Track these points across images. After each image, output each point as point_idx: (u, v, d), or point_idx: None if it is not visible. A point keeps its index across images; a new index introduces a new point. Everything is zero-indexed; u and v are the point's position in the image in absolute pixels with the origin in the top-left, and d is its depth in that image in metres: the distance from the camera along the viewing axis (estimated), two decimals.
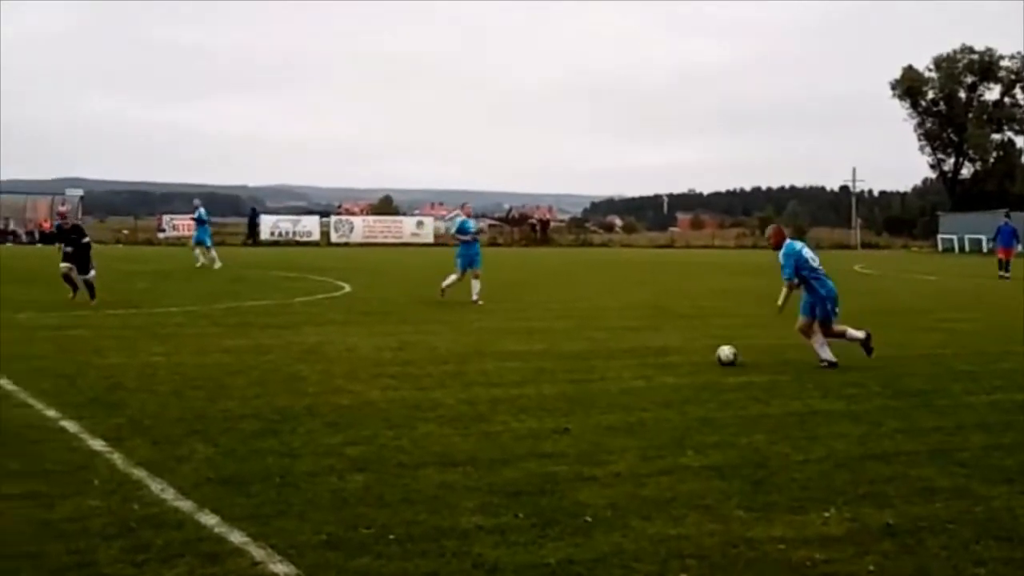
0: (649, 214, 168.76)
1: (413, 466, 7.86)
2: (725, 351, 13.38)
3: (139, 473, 7.46)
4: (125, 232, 71.39)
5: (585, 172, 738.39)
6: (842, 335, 13.61)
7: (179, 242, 62.23)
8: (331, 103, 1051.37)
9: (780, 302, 13.74)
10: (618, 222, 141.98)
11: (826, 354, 13.31)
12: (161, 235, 67.09)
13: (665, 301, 24.51)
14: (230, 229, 76.24)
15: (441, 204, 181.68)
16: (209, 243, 35.95)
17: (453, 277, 22.64)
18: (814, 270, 13.48)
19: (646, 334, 17.04)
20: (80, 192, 72.47)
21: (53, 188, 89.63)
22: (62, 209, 32.00)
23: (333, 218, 76.59)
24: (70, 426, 9.03)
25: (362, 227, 73.07)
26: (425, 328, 17.58)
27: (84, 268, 20.80)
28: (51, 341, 14.74)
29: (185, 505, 6.68)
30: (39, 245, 56.09)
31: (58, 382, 11.20)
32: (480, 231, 24.24)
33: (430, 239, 73.21)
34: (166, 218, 72.35)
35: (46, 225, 61.08)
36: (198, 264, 35.14)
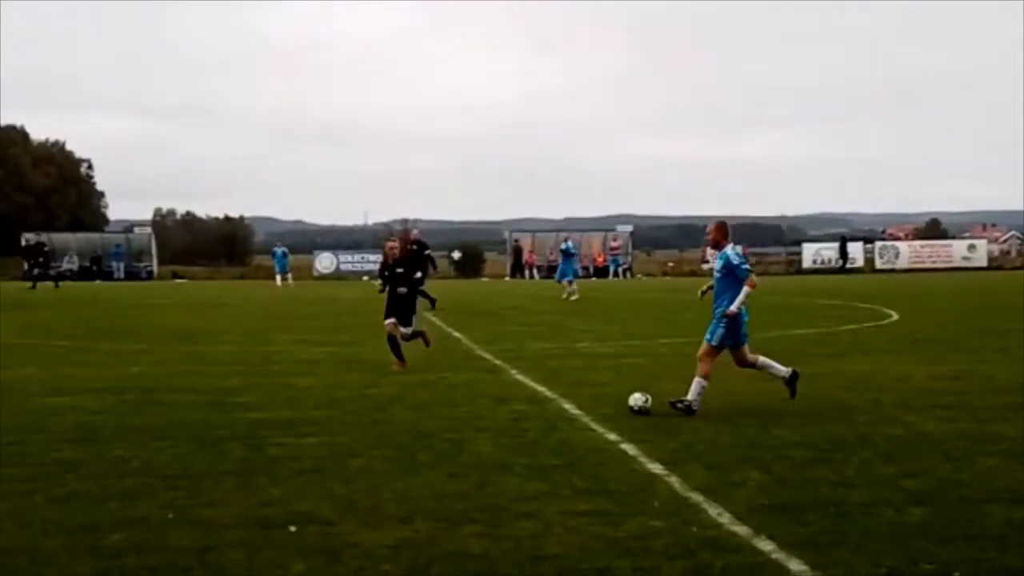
0: None
1: (976, 501, 7.50)
2: (635, 398, 11.49)
3: (696, 497, 7.74)
4: (671, 264, 74.30)
5: None
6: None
7: None
8: (868, 127, 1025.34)
9: (737, 306, 11.63)
10: None
11: (780, 370, 12.15)
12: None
13: None
14: (770, 259, 76.67)
15: (994, 226, 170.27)
16: (570, 276, 35.86)
17: None
18: None
19: None
20: (630, 227, 76.21)
21: (606, 224, 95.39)
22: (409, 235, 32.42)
23: (877, 244, 74.64)
24: (629, 449, 9.56)
25: (908, 252, 70.44)
26: (981, 356, 16.63)
27: (407, 318, 16.00)
28: (611, 369, 15.65)
29: (742, 530, 6.83)
30: (594, 279, 60.06)
31: (618, 407, 11.84)
32: None
33: (983, 263, 68.96)
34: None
35: (600, 259, 65.37)
36: (572, 298, 34.70)
